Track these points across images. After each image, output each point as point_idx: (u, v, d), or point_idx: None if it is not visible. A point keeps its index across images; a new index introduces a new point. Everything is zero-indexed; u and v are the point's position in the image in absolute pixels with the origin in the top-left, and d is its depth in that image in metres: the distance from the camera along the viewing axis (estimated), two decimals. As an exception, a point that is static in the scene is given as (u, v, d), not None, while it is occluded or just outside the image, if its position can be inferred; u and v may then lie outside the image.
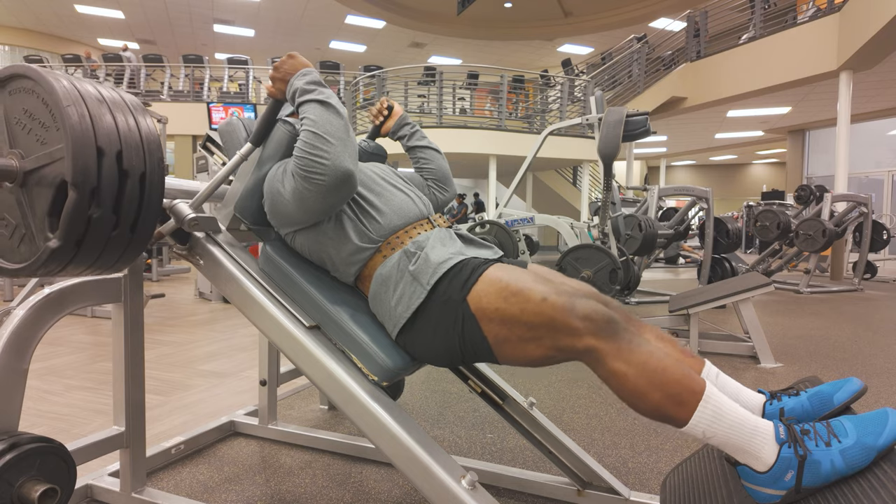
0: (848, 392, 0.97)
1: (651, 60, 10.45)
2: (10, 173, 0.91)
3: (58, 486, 1.00)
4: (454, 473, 0.95)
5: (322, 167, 0.99)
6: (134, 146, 0.91)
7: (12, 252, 0.95)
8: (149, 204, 0.94)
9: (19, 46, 13.65)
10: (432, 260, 1.05)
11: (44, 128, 0.89)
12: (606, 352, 0.89)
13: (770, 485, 0.87)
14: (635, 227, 4.94)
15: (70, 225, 0.85)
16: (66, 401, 2.25)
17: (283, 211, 1.10)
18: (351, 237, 1.11)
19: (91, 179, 0.85)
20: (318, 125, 1.02)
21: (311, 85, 1.08)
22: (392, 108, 1.48)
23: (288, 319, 1.07)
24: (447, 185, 1.48)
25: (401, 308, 1.05)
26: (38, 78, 0.88)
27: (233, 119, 1.37)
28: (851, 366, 2.90)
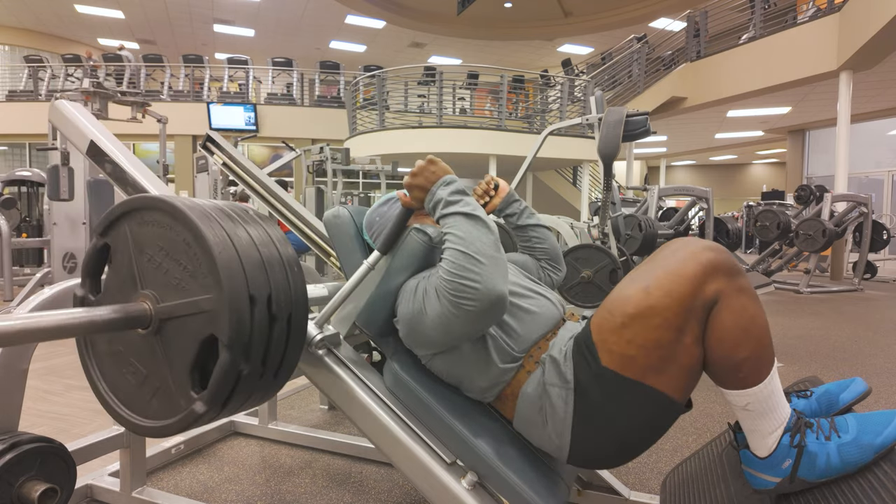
0: (854, 392, 0.98)
1: (651, 60, 10.44)
2: (144, 319, 0.80)
3: (58, 486, 1.00)
4: (454, 473, 0.95)
5: (473, 291, 0.88)
6: (282, 283, 0.81)
7: (143, 405, 0.84)
8: (294, 346, 0.85)
9: (19, 46, 13.65)
10: (558, 358, 0.97)
11: (183, 269, 0.78)
12: (729, 290, 0.85)
13: (767, 471, 0.88)
14: (635, 227, 4.94)
15: (220, 387, 0.76)
16: (66, 401, 2.25)
17: (424, 334, 0.98)
18: (493, 359, 1.00)
19: (244, 336, 0.75)
20: (467, 243, 0.90)
21: (455, 195, 0.98)
22: (498, 187, 1.35)
23: (427, 454, 0.99)
24: (560, 265, 1.37)
25: (558, 422, 0.95)
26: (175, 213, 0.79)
27: (340, 210, 1.27)
28: (851, 366, 2.90)
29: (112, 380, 0.88)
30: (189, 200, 0.81)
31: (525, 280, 1.15)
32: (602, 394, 0.90)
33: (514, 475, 0.96)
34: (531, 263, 1.33)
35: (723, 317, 0.85)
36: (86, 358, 0.91)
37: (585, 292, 3.60)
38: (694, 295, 0.85)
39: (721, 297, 0.85)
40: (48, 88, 11.38)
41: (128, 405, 0.86)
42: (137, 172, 1.26)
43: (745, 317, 0.85)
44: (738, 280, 0.86)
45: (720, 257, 0.86)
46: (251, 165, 1.72)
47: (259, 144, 11.96)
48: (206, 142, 1.75)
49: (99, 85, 4.25)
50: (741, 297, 0.86)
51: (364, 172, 8.71)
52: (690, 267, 0.85)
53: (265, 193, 1.67)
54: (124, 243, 0.84)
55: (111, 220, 0.86)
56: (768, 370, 0.86)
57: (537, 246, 1.35)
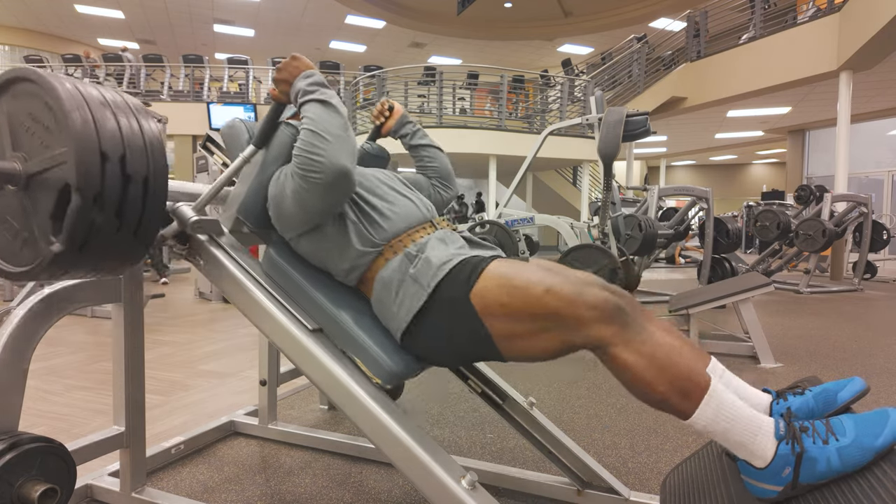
0: (851, 391, 0.98)
1: (651, 60, 10.44)
2: (13, 176, 0.90)
3: (58, 486, 1.00)
4: (454, 473, 0.95)
5: (319, 165, 0.99)
6: (137, 150, 0.91)
7: (15, 255, 0.95)
8: (152, 207, 0.94)
9: (19, 46, 13.65)
10: (433, 261, 1.05)
11: (47, 131, 0.88)
12: (615, 342, 0.89)
13: (767, 480, 0.88)
14: (635, 227, 4.94)
15: (73, 229, 0.85)
16: (66, 401, 2.25)
17: (286, 213, 1.10)
18: (353, 241, 1.10)
19: (94, 184, 0.85)
20: (317, 123, 1.02)
21: (313, 86, 1.08)
22: (393, 108, 1.48)
23: (291, 322, 1.07)
24: (450, 184, 1.48)
25: (403, 311, 1.05)
26: (41, 81, 0.88)
27: (235, 121, 1.36)
28: (851, 366, 2.90)
29: None
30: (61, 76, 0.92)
31: (397, 184, 1.26)
32: (450, 313, 1.00)
33: (366, 338, 1.07)
34: (423, 181, 1.45)
35: (620, 360, 0.89)
36: None
37: (585, 292, 3.60)
38: (574, 326, 0.90)
39: (608, 345, 0.89)
40: (48, 88, 11.35)
41: (4, 257, 0.97)
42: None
43: (644, 358, 0.88)
44: (626, 334, 0.89)
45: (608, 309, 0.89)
46: (251, 165, 1.72)
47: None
48: (206, 142, 1.76)
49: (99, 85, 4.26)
50: (631, 346, 0.88)
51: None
52: (582, 307, 0.89)
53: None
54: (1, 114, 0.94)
55: None
56: (701, 392, 0.87)
57: (429, 165, 1.47)
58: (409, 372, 1.08)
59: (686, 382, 0.88)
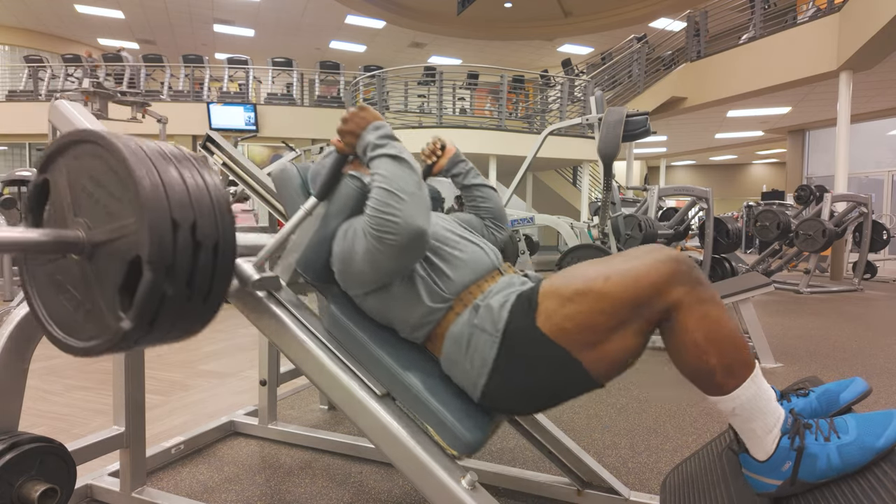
0: (854, 392, 0.98)
1: (651, 60, 10.44)
2: (77, 245, 0.85)
3: (58, 486, 1.00)
4: (454, 473, 0.95)
5: (394, 225, 0.93)
6: (207, 213, 0.86)
7: (78, 328, 0.89)
8: (221, 273, 0.89)
9: (19, 46, 13.65)
10: (493, 306, 1.00)
11: (113, 198, 0.83)
12: (688, 300, 0.87)
13: (767, 474, 0.88)
14: (635, 227, 4.94)
15: (144, 305, 0.80)
16: (66, 401, 2.25)
17: (355, 272, 1.04)
18: (423, 298, 1.05)
19: (167, 256, 0.79)
20: (391, 181, 0.96)
21: (383, 139, 1.03)
22: (445, 147, 1.41)
23: (359, 387, 1.03)
24: (503, 224, 1.42)
25: (478, 364, 0.99)
26: (105, 143, 0.83)
27: (287, 165, 1.31)
28: (851, 366, 2.90)
29: (51, 306, 0.93)
30: (121, 134, 0.86)
31: (461, 230, 1.20)
32: (527, 350, 0.95)
33: (438, 405, 1.01)
34: (476, 222, 1.39)
35: (686, 325, 0.87)
36: (27, 288, 0.95)
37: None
38: (649, 298, 0.87)
39: (680, 306, 0.87)
40: (48, 88, 11.37)
41: (63, 328, 0.91)
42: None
43: (707, 324, 0.87)
44: (698, 290, 0.88)
45: (682, 268, 0.88)
46: (251, 165, 1.72)
47: (259, 144, 11.96)
48: (206, 142, 1.75)
49: (99, 85, 4.26)
50: (702, 306, 0.87)
51: (364, 172, 8.69)
52: (654, 272, 0.88)
53: (265, 193, 1.67)
54: (61, 177, 0.89)
55: (49, 155, 0.90)
56: (746, 373, 0.87)
57: (482, 205, 1.40)
58: (485, 438, 1.03)
59: (737, 358, 0.87)
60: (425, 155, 1.41)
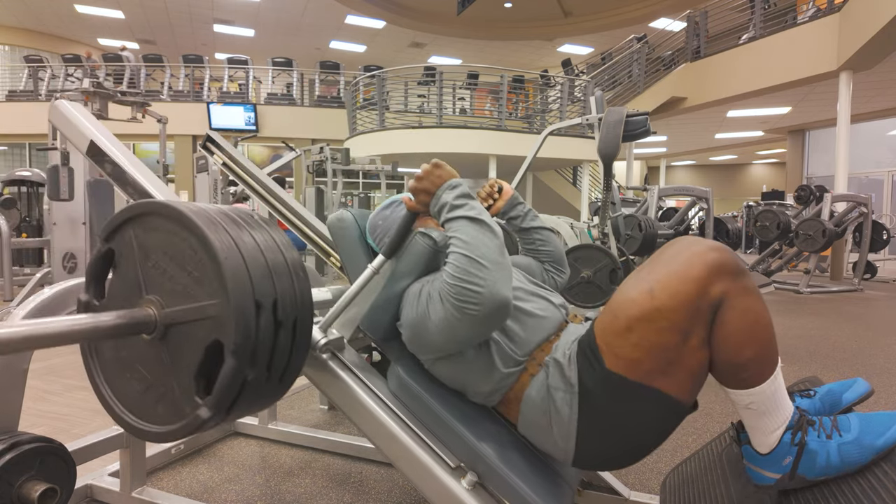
0: (856, 393, 0.99)
1: (651, 60, 10.44)
2: (149, 325, 0.80)
3: (58, 486, 1.00)
4: (454, 473, 0.95)
5: (477, 296, 0.87)
6: (288, 292, 0.81)
7: (149, 412, 0.84)
8: (299, 351, 0.85)
9: (19, 46, 13.65)
10: (560, 360, 0.96)
11: (189, 275, 0.78)
12: (734, 292, 0.84)
13: (767, 467, 0.88)
14: (635, 227, 4.94)
15: (225, 393, 0.75)
16: (66, 401, 2.25)
17: (427, 338, 0.98)
18: (496, 363, 0.99)
19: (250, 342, 0.75)
20: (472, 248, 0.90)
21: (461, 199, 0.98)
22: (502, 190, 1.34)
23: (431, 459, 0.98)
24: (564, 267, 1.35)
25: (563, 425, 0.94)
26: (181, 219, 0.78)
27: (344, 214, 1.26)
28: (851, 366, 2.90)
29: (117, 385, 0.87)
30: (194, 206, 0.81)
31: (527, 283, 1.14)
32: (608, 397, 0.90)
33: (516, 478, 0.95)
34: (535, 266, 1.32)
35: (728, 317, 0.84)
36: (90, 364, 0.90)
37: (585, 292, 3.60)
38: (699, 296, 0.83)
39: (726, 297, 0.84)
40: (48, 88, 11.38)
41: (133, 411, 0.86)
42: (138, 173, 1.26)
43: (750, 317, 0.85)
44: (743, 280, 0.85)
45: (725, 257, 0.85)
46: (251, 165, 1.72)
47: (259, 144, 11.96)
48: (206, 142, 1.75)
49: (99, 85, 4.25)
50: (746, 298, 0.85)
51: (364, 172, 8.71)
52: (696, 268, 0.84)
53: (265, 193, 1.67)
54: (129, 249, 0.84)
55: (116, 225, 0.85)
56: (772, 370, 0.86)
57: (542, 249, 1.34)
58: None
59: (769, 354, 0.86)
60: (482, 198, 1.33)
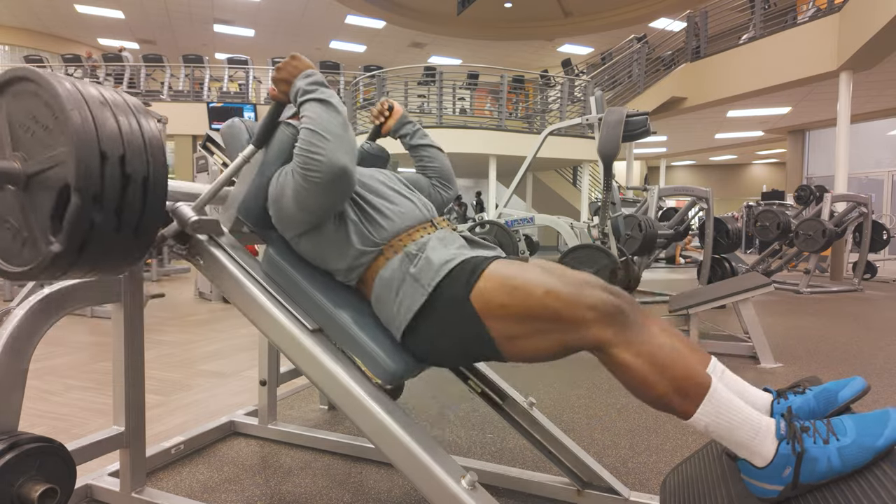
0: (852, 390, 0.98)
1: (651, 60, 10.44)
2: (13, 176, 0.90)
3: (58, 486, 1.00)
4: (454, 473, 0.95)
5: (318, 164, 0.99)
6: (137, 150, 0.91)
7: (15, 256, 0.95)
8: (152, 207, 0.94)
9: (19, 46, 13.65)
10: (434, 261, 1.05)
11: (47, 131, 0.88)
12: (615, 342, 0.90)
13: (768, 480, 0.88)
14: (635, 227, 4.94)
15: (72, 229, 0.85)
16: (66, 401, 2.25)
17: (286, 213, 1.10)
18: (353, 241, 1.11)
19: (94, 184, 0.85)
20: (317, 123, 1.02)
21: (312, 85, 1.08)
22: (392, 108, 1.48)
23: (291, 322, 1.07)
24: (450, 184, 1.48)
25: (403, 310, 1.05)
26: (40, 80, 0.88)
27: (235, 120, 1.36)
28: (851, 366, 2.90)
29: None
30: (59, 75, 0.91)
31: (398, 185, 1.26)
32: (451, 314, 1.01)
33: (366, 338, 1.07)
34: (423, 181, 1.44)
35: (620, 360, 0.90)
36: None
37: (585, 292, 3.60)
38: (574, 328, 0.91)
39: (608, 345, 0.90)
40: (48, 88, 11.36)
41: (4, 258, 0.97)
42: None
43: (644, 357, 0.89)
44: (626, 334, 0.90)
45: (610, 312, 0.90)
46: (251, 165, 1.72)
47: (259, 144, 11.94)
48: (206, 142, 1.75)
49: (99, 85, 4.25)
50: (633, 346, 0.89)
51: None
52: (583, 308, 0.90)
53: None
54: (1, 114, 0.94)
55: None
56: (702, 392, 0.88)
57: (428, 165, 1.46)
58: (408, 372, 1.08)
59: (686, 382, 0.88)
60: (374, 116, 1.47)
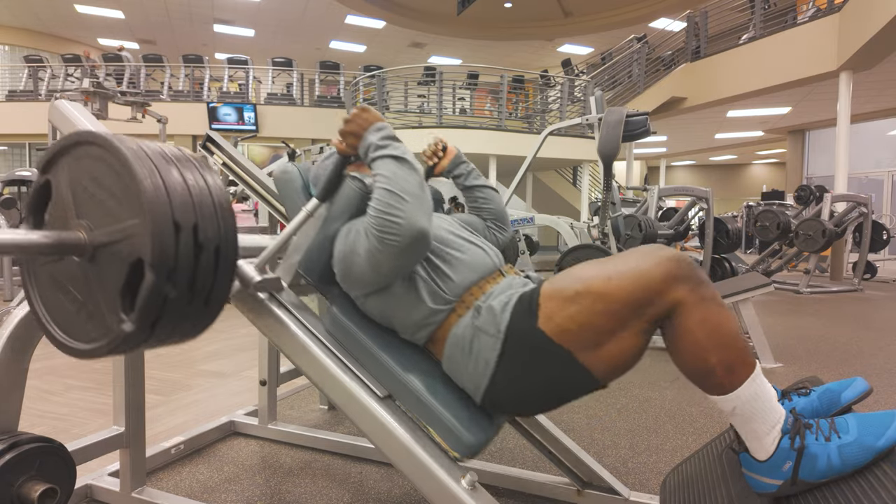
0: (855, 391, 0.98)
1: (651, 60, 10.44)
2: (79, 247, 0.84)
3: (57, 486, 1.00)
4: (454, 473, 0.95)
5: (396, 226, 0.94)
6: (208, 216, 0.86)
7: (79, 330, 0.88)
8: (222, 275, 0.89)
9: (19, 46, 13.65)
10: (495, 307, 1.00)
11: (115, 199, 0.82)
12: (690, 300, 0.87)
13: (767, 474, 0.88)
14: (635, 227, 4.94)
15: (146, 307, 0.80)
16: (66, 401, 2.25)
17: (356, 273, 1.04)
18: (424, 299, 1.05)
19: (169, 259, 0.79)
20: (393, 182, 0.96)
21: (385, 140, 1.03)
22: (446, 148, 1.41)
23: (360, 388, 1.03)
24: (506, 225, 1.43)
25: (481, 366, 0.99)
26: (106, 144, 0.82)
27: (288, 167, 1.31)
28: (851, 366, 2.90)
29: (52, 307, 0.92)
30: (123, 136, 0.86)
31: (462, 231, 1.20)
32: (529, 352, 0.95)
33: (440, 406, 1.01)
34: (478, 223, 1.39)
35: (687, 325, 0.88)
36: (28, 285, 0.95)
37: (585, 292, 3.60)
38: (650, 299, 0.88)
39: (682, 305, 0.88)
40: (48, 88, 11.37)
41: (65, 330, 0.90)
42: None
43: (709, 324, 0.87)
44: (700, 290, 0.88)
45: (685, 268, 0.88)
46: (251, 165, 1.72)
47: (259, 144, 11.96)
48: (206, 142, 1.76)
49: (99, 85, 4.25)
50: (703, 306, 0.88)
51: (364, 172, 8.70)
52: (655, 272, 0.88)
53: (265, 193, 1.67)
54: (63, 178, 0.89)
55: (50, 156, 0.89)
56: (747, 373, 0.87)
57: (484, 206, 1.41)
58: (486, 442, 1.03)
59: (737, 359, 0.87)
60: (427, 156, 1.40)
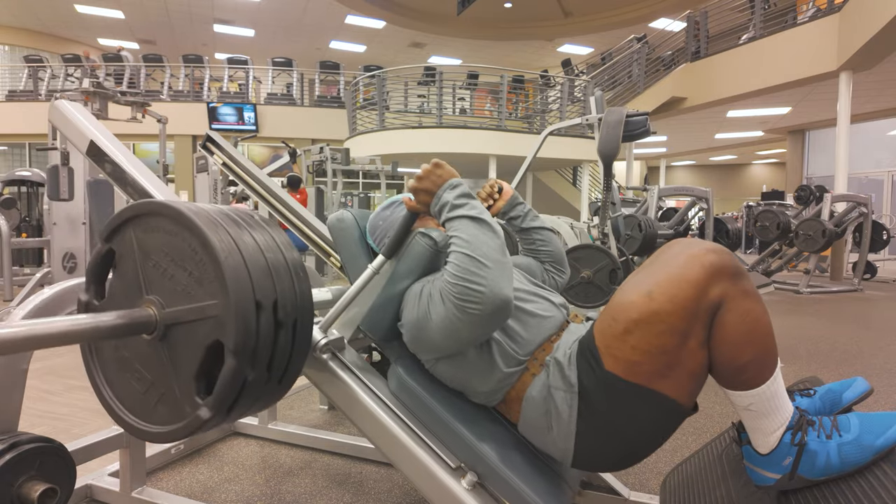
0: (856, 392, 0.99)
1: (651, 60, 10.44)
2: (150, 325, 0.79)
3: (57, 486, 1.00)
4: (454, 474, 0.95)
5: (479, 295, 0.87)
6: (288, 292, 0.81)
7: (149, 412, 0.83)
8: (299, 351, 0.85)
9: (19, 46, 13.65)
10: (561, 361, 0.96)
11: (190, 277, 0.77)
12: (734, 293, 0.84)
13: (768, 467, 0.89)
14: (635, 227, 4.94)
15: (225, 394, 0.75)
16: (66, 401, 2.25)
17: (429, 338, 0.97)
18: (498, 364, 0.99)
19: (250, 342, 0.75)
20: (473, 247, 0.90)
21: (461, 199, 0.98)
22: (503, 189, 1.33)
23: (430, 458, 0.98)
24: (564, 268, 1.35)
25: (563, 424, 0.93)
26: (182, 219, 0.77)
27: (345, 215, 1.26)
28: (851, 366, 2.90)
29: (117, 386, 0.87)
30: (194, 206, 0.81)
31: (528, 283, 1.13)
32: (607, 398, 0.89)
33: (517, 478, 0.95)
34: (535, 266, 1.32)
35: (728, 319, 0.85)
36: (90, 364, 0.90)
37: (585, 292, 3.60)
38: (698, 299, 0.83)
39: (725, 300, 0.84)
40: (48, 88, 11.38)
41: (133, 411, 0.85)
42: (138, 173, 1.25)
43: (749, 320, 0.85)
44: (741, 283, 0.86)
45: (724, 259, 0.85)
46: (251, 165, 1.72)
47: (259, 144, 11.96)
48: (206, 142, 1.75)
49: (99, 85, 4.25)
50: (745, 300, 0.85)
51: (364, 172, 8.72)
52: (694, 271, 0.84)
53: (265, 193, 1.67)
54: (129, 249, 0.84)
55: (116, 225, 0.85)
56: (771, 371, 0.87)
57: (542, 249, 1.33)
58: None
59: (768, 357, 0.86)
60: (482, 198, 1.32)
